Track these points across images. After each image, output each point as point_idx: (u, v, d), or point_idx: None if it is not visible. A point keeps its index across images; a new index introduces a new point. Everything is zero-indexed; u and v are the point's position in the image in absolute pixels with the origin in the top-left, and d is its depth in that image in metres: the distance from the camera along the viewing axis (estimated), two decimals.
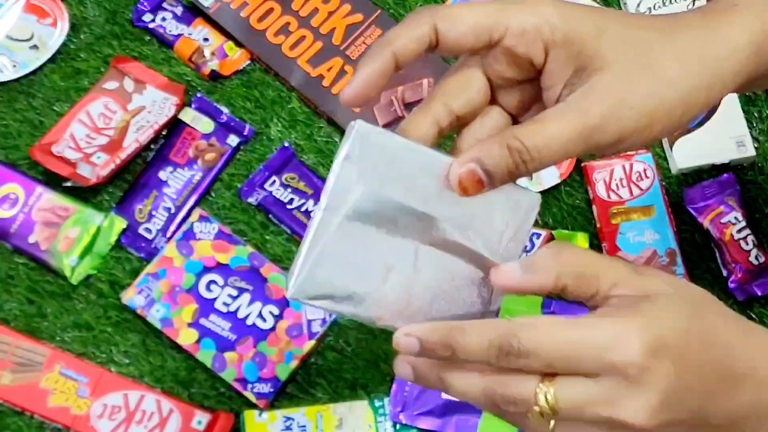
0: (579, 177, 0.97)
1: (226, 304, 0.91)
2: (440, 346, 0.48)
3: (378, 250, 0.51)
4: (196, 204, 0.96)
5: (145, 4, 1.04)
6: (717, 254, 0.93)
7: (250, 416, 0.86)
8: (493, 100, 0.55)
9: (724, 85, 0.53)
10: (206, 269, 0.92)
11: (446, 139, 0.56)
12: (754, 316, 0.91)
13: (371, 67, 0.50)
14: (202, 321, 0.90)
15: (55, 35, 1.02)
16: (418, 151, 0.51)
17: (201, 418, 0.88)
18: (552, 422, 0.47)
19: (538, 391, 0.47)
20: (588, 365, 0.47)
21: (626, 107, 0.50)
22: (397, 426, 0.87)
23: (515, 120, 0.56)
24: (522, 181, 0.94)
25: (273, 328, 0.90)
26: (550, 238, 0.92)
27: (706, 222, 0.93)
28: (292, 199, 0.96)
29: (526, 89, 0.54)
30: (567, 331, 0.47)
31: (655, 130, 0.51)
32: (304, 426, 0.86)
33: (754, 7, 0.54)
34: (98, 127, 0.98)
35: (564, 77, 0.51)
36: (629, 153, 0.97)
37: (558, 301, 0.91)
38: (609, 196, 0.95)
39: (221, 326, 0.90)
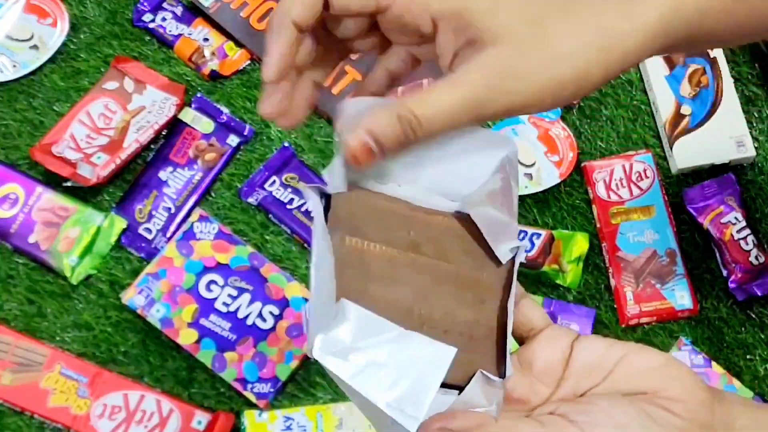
0: (579, 177, 0.97)
1: (226, 304, 0.91)
2: None
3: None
4: (196, 204, 0.96)
5: (145, 4, 1.04)
6: (717, 254, 0.93)
7: (250, 416, 0.86)
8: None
9: (626, 60, 0.52)
10: (206, 269, 0.92)
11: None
12: (754, 316, 0.91)
13: (281, 40, 0.52)
14: (202, 321, 0.90)
15: (55, 35, 1.02)
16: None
17: (201, 418, 0.88)
18: None
19: None
20: None
21: (515, 81, 0.51)
22: None
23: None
24: (522, 182, 0.95)
25: (273, 328, 0.90)
26: (551, 238, 0.92)
27: (706, 222, 0.93)
28: (292, 199, 0.96)
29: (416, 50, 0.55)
30: None
31: (546, 104, 0.52)
32: (304, 426, 0.86)
33: None
34: (98, 127, 0.98)
35: (455, 47, 0.52)
36: (629, 153, 0.97)
37: (558, 301, 0.91)
38: (609, 196, 0.95)
39: (221, 326, 0.90)
